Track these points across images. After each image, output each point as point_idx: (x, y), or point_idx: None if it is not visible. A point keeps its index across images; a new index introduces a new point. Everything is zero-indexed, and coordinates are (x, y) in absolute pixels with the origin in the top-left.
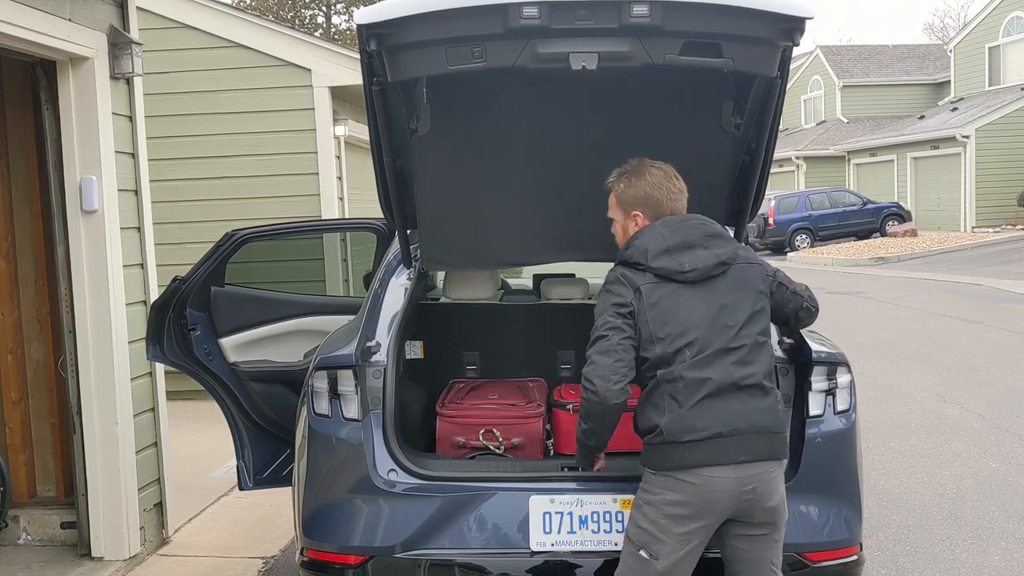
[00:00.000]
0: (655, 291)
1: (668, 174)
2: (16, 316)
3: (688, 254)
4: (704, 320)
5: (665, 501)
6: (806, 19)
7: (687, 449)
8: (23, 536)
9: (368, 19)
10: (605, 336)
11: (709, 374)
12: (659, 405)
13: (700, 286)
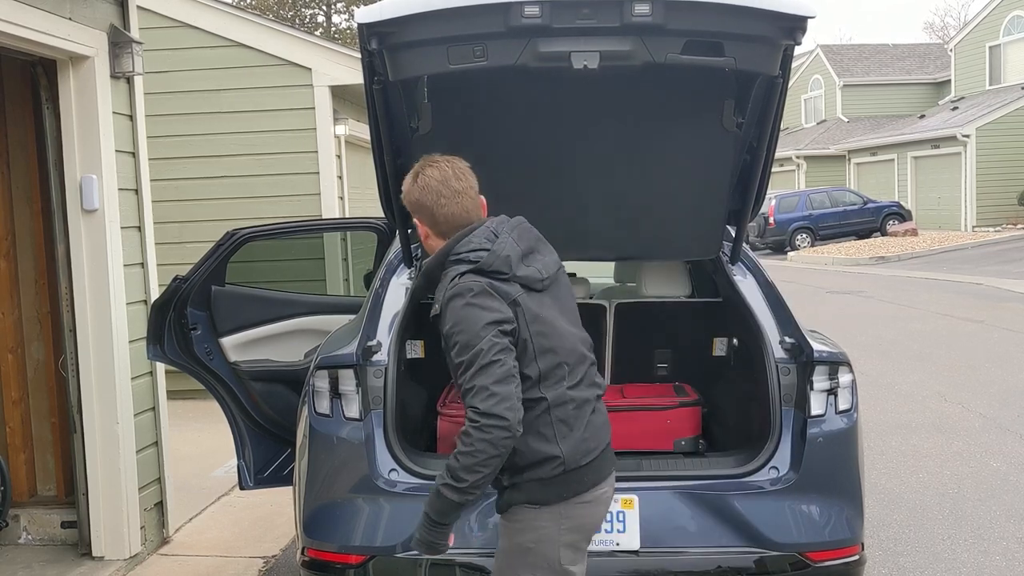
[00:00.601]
0: (529, 303)
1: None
2: (16, 315)
3: (537, 261)
4: (569, 332)
5: (562, 530)
6: (808, 18)
7: (585, 472)
8: (23, 535)
9: (369, 18)
10: (498, 361)
11: (586, 390)
12: (546, 434)
13: (548, 294)
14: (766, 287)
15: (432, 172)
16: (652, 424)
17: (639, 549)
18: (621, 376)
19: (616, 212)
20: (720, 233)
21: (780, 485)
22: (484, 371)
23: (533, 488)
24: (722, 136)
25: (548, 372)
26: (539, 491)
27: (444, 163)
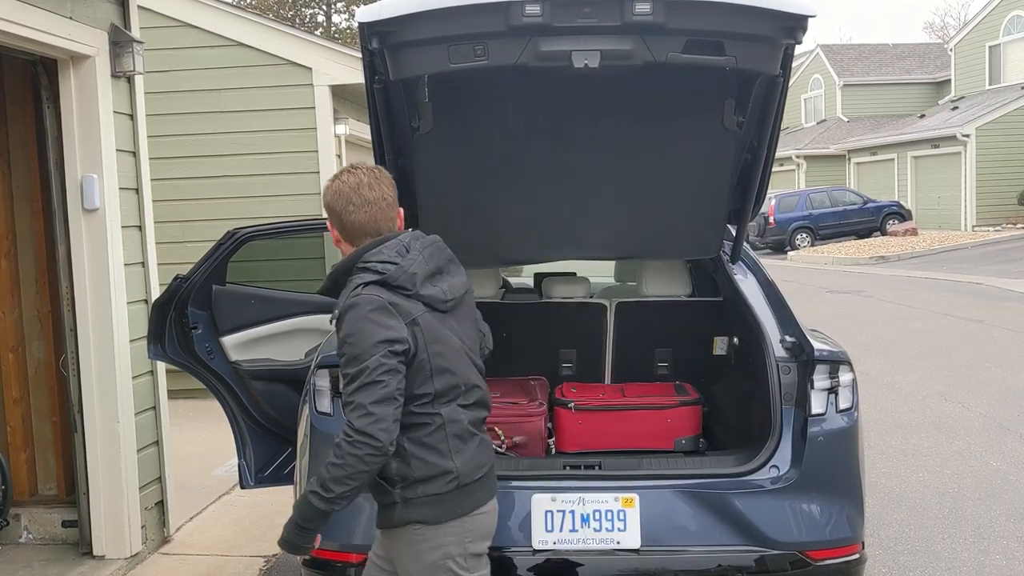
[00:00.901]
0: (431, 323)
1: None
2: (17, 314)
3: (445, 281)
4: (462, 353)
5: (466, 543)
6: (808, 17)
7: (477, 488)
8: (24, 535)
9: (370, 17)
10: (381, 382)
11: (477, 411)
12: (443, 449)
13: (451, 316)
14: (767, 286)
15: (347, 178)
16: (653, 423)
17: (640, 548)
18: (621, 375)
19: (616, 211)
20: (721, 232)
21: (781, 484)
22: (366, 389)
23: (430, 505)
24: (723, 135)
25: (445, 391)
26: (437, 509)
27: (363, 171)
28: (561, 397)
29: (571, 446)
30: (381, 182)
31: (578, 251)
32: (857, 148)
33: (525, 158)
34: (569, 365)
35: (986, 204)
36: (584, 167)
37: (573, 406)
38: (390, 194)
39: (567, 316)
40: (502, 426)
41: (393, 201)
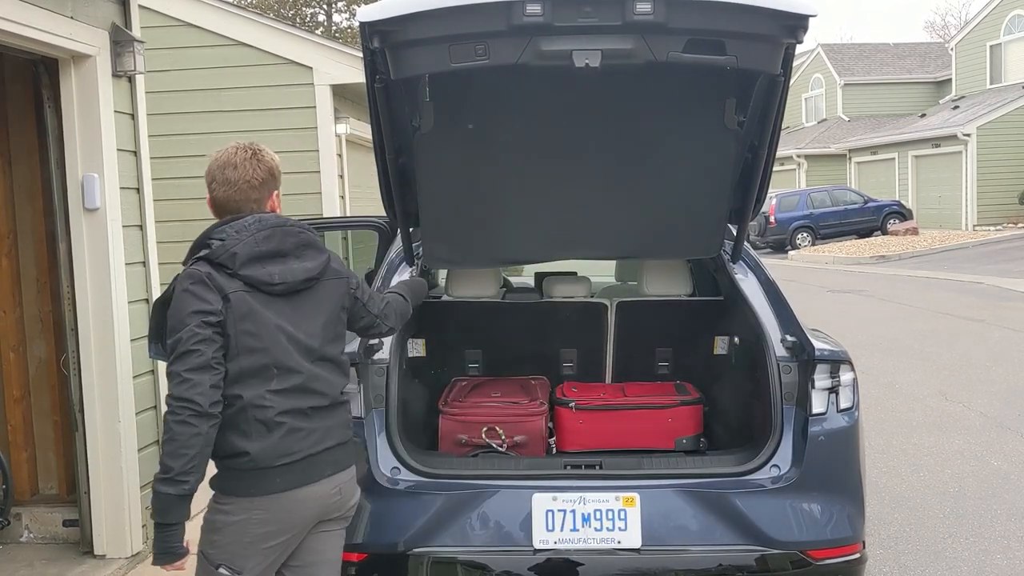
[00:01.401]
0: (245, 301)
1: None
2: (18, 314)
3: (277, 265)
4: (292, 337)
5: (252, 522)
6: (809, 16)
7: (277, 474)
8: (25, 534)
9: (371, 16)
10: (196, 351)
11: (296, 399)
12: (246, 431)
13: (288, 300)
14: (767, 285)
15: (221, 155)
16: (653, 422)
17: (640, 547)
18: (622, 375)
19: (617, 211)
20: (722, 232)
21: (781, 483)
22: (181, 359)
23: (225, 476)
24: (723, 135)
25: (251, 371)
26: (232, 481)
27: (238, 151)
28: (562, 396)
29: (572, 445)
30: (246, 164)
31: (578, 251)
32: (858, 147)
33: (526, 158)
34: (570, 364)
35: (987, 203)
36: (585, 167)
37: (574, 405)
38: (258, 176)
39: (568, 316)
40: (503, 426)
41: (260, 183)
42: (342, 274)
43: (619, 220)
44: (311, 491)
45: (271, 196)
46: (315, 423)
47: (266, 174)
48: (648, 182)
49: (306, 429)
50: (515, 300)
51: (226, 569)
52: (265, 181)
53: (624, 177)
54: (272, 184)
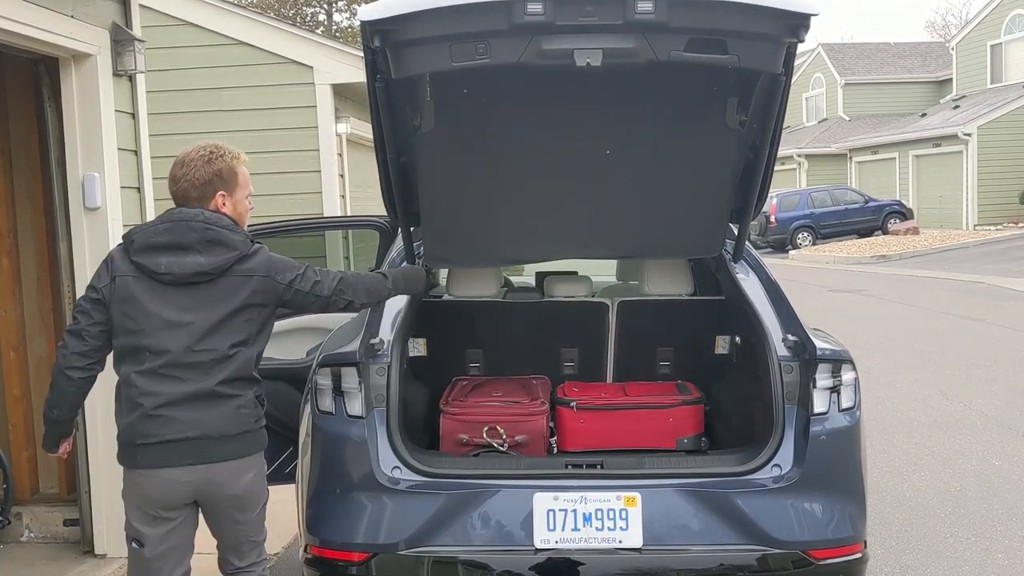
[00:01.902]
0: (132, 285)
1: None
2: (19, 312)
3: (170, 256)
4: (171, 326)
5: (135, 495)
6: (811, 15)
7: (139, 452)
8: (26, 533)
9: (372, 16)
10: (75, 319)
11: (163, 384)
12: (120, 406)
13: (181, 290)
14: (769, 285)
15: (180, 152)
16: (654, 422)
17: (642, 547)
18: (623, 374)
19: (618, 210)
20: (723, 231)
21: (783, 483)
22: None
23: (118, 446)
24: (725, 134)
25: (126, 351)
26: (118, 451)
27: (198, 150)
28: (563, 396)
29: (573, 445)
30: (198, 163)
31: (580, 250)
32: (858, 147)
33: (527, 157)
34: (571, 364)
35: (987, 203)
36: (586, 166)
37: (575, 405)
38: (200, 177)
39: (569, 315)
40: (504, 425)
41: (202, 184)
42: (258, 271)
43: (620, 219)
44: (171, 474)
45: (214, 196)
46: (183, 412)
47: (211, 175)
48: (649, 181)
49: (167, 416)
50: (516, 299)
51: (135, 543)
52: (208, 182)
53: (625, 176)
54: (217, 185)
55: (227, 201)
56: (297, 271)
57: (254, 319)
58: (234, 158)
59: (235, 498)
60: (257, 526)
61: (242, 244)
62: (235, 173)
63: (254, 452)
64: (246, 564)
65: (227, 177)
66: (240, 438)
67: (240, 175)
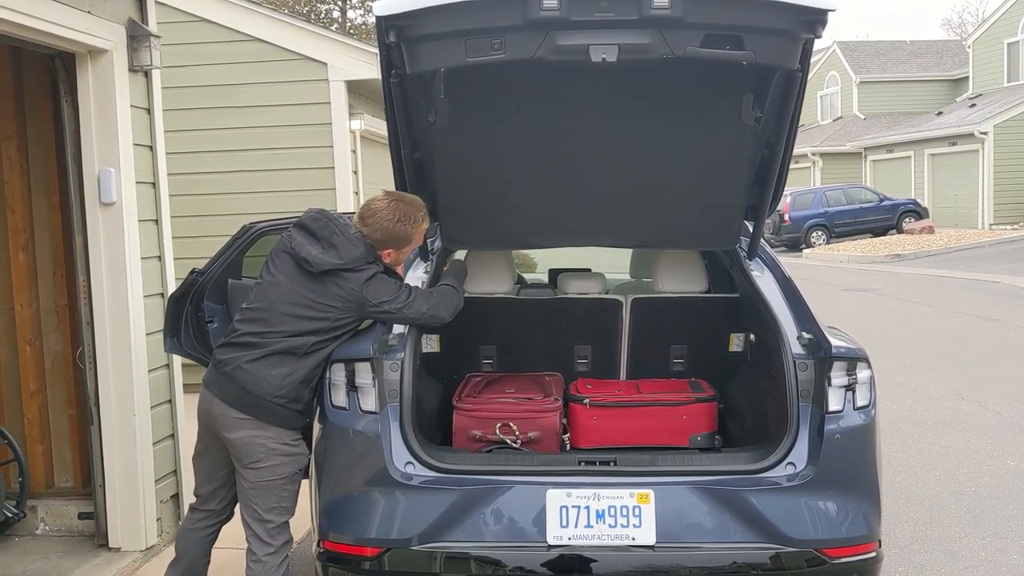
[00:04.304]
0: (277, 262)
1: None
2: (34, 307)
3: (312, 247)
4: (278, 297)
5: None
6: (828, 11)
7: (208, 370)
8: (41, 526)
9: (387, 11)
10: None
11: (244, 328)
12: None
13: (300, 276)
14: (784, 282)
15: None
16: (668, 420)
17: (655, 544)
18: (637, 371)
19: (634, 202)
20: (738, 225)
21: (797, 481)
22: None
23: None
24: (741, 130)
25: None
26: None
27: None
28: (576, 393)
29: (586, 442)
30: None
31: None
32: (873, 145)
33: (542, 152)
34: (584, 361)
35: (1003, 202)
36: (601, 161)
37: (588, 402)
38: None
39: (582, 312)
40: (517, 421)
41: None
42: (355, 282)
43: (635, 211)
44: (205, 394)
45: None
46: (237, 352)
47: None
48: (664, 177)
49: (229, 352)
50: (529, 296)
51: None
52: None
53: (640, 171)
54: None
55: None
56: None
57: (319, 319)
58: (415, 222)
59: (233, 444)
60: (263, 503)
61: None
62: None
63: (259, 417)
64: (260, 554)
65: (402, 239)
66: (254, 399)
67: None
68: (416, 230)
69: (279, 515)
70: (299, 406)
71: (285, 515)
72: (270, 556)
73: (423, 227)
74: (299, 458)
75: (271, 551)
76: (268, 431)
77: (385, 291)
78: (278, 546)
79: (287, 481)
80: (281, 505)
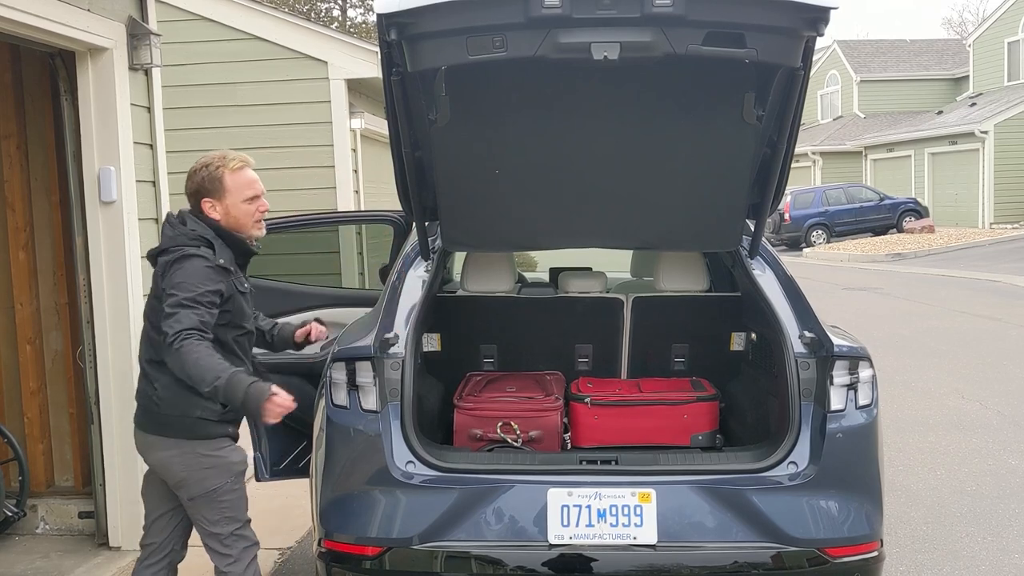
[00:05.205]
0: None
1: None
2: (34, 306)
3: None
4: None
5: None
6: (831, 9)
7: None
8: (41, 525)
9: (388, 8)
10: None
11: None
12: None
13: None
14: (785, 281)
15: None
16: (669, 419)
17: (656, 543)
18: (638, 370)
19: (636, 202)
20: (740, 226)
21: (799, 480)
22: None
23: None
24: (742, 129)
25: None
26: None
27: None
28: (577, 392)
29: (587, 441)
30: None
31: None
32: (874, 144)
33: (543, 150)
34: (585, 360)
35: (1004, 201)
36: (602, 159)
37: (589, 401)
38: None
39: (583, 311)
40: (518, 421)
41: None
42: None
43: (637, 211)
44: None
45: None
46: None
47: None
48: (666, 175)
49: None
50: (530, 295)
51: None
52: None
53: (642, 169)
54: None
55: (216, 207)
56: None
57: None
58: (220, 167)
59: (155, 467)
60: (206, 516)
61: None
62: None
63: (164, 435)
64: (221, 566)
65: (211, 186)
66: (152, 415)
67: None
68: (222, 172)
69: (227, 525)
70: (197, 412)
71: (234, 524)
72: (232, 566)
73: (239, 172)
74: (221, 469)
75: (231, 560)
76: (180, 447)
77: (183, 282)
78: (237, 554)
79: (221, 492)
80: (225, 516)
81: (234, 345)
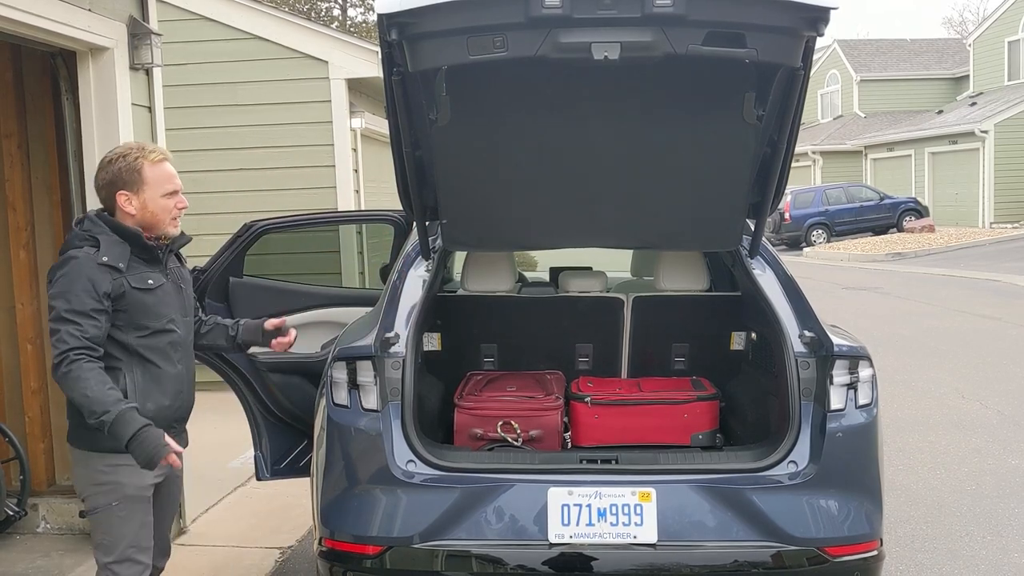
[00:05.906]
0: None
1: None
2: (35, 306)
3: None
4: None
5: None
6: (831, 9)
7: None
8: (42, 524)
9: (389, 8)
10: None
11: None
12: None
13: None
14: (785, 281)
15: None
16: (669, 418)
17: (656, 542)
18: (638, 370)
19: (636, 202)
20: (740, 226)
21: (799, 479)
22: None
23: None
24: (743, 128)
25: None
26: None
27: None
28: (577, 391)
29: (587, 440)
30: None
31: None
32: (874, 144)
33: (543, 150)
34: (585, 359)
35: (1004, 201)
36: (603, 159)
37: (589, 400)
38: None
39: (584, 310)
40: (518, 420)
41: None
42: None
43: (637, 210)
44: None
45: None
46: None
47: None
48: (667, 175)
49: None
50: (530, 294)
51: None
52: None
53: (642, 170)
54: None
55: (132, 201)
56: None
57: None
58: (139, 157)
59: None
60: (93, 537)
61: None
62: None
63: (72, 444)
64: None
65: (128, 177)
66: (69, 422)
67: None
68: (141, 163)
69: (102, 554)
70: (81, 418)
71: (108, 555)
72: None
73: (159, 164)
74: (108, 488)
75: None
76: (85, 458)
77: (63, 292)
78: None
79: (102, 513)
80: (102, 542)
81: (140, 348)
